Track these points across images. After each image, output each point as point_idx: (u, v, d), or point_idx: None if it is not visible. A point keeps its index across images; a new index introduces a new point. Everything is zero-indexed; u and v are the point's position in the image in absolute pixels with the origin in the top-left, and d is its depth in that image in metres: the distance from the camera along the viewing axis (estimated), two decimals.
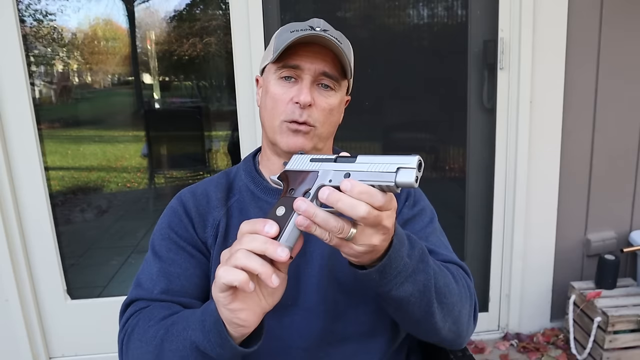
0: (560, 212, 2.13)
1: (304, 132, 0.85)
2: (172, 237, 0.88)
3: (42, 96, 2.15)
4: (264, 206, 0.90)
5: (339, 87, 0.88)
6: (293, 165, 0.70)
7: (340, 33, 0.90)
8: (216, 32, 2.12)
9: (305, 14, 2.00)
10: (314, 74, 0.84)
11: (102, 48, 2.17)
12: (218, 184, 0.93)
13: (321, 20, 0.89)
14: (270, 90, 0.86)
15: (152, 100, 2.34)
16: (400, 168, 0.58)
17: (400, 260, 0.68)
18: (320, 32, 0.82)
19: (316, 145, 0.87)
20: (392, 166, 0.58)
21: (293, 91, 0.84)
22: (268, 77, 0.88)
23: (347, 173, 0.62)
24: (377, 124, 2.16)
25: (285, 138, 0.85)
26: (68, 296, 2.07)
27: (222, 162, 2.40)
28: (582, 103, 2.04)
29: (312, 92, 0.84)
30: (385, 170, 0.59)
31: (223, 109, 2.30)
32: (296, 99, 0.83)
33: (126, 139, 2.37)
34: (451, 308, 0.78)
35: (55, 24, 2.03)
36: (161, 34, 2.20)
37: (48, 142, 2.04)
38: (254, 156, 0.98)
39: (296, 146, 0.85)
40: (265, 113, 0.88)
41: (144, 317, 0.80)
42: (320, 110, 0.85)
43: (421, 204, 0.95)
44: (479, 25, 2.00)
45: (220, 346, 0.66)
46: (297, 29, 0.84)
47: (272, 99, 0.86)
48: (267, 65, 0.88)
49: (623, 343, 1.90)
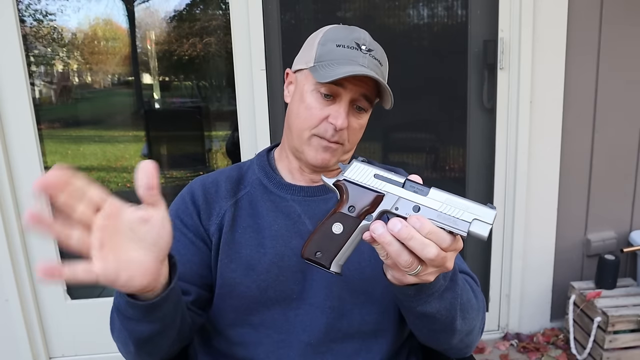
0: (560, 212, 2.13)
1: (333, 150, 0.86)
2: (177, 224, 0.89)
3: (42, 96, 2.15)
4: (276, 199, 0.90)
5: (370, 108, 0.89)
6: (353, 176, 0.65)
7: (382, 50, 0.90)
8: (216, 32, 2.12)
9: (305, 14, 2.00)
10: (354, 97, 0.84)
11: (102, 48, 2.17)
12: (229, 176, 0.94)
13: (367, 36, 0.88)
14: (307, 100, 0.85)
15: (152, 100, 2.34)
16: (476, 220, 0.56)
17: (438, 281, 0.69)
18: (365, 52, 0.84)
19: (340, 158, 0.89)
20: (469, 215, 0.57)
21: (330, 110, 0.84)
22: (304, 83, 0.86)
23: (417, 206, 0.60)
24: (377, 124, 2.16)
25: (313, 152, 0.86)
26: (68, 296, 2.07)
27: (222, 162, 2.40)
28: (582, 103, 2.04)
29: (348, 114, 0.84)
30: (460, 217, 0.57)
31: (223, 109, 2.31)
32: (332, 120, 0.83)
33: (126, 139, 2.37)
34: (469, 323, 0.79)
35: (55, 24, 2.03)
36: (161, 34, 2.20)
37: (48, 142, 2.03)
38: (268, 152, 0.98)
39: (324, 161, 0.86)
40: (297, 120, 0.87)
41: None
42: (351, 130, 0.86)
43: None
44: (479, 25, 2.00)
45: (129, 305, 0.66)
46: (344, 43, 0.84)
47: (308, 110, 0.85)
48: (305, 70, 0.87)
49: (623, 343, 1.90)
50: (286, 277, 0.86)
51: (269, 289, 0.86)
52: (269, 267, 0.86)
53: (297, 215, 0.89)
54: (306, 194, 0.91)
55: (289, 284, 0.86)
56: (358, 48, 0.84)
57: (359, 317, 0.87)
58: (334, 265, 0.62)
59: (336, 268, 0.62)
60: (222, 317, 0.89)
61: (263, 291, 0.86)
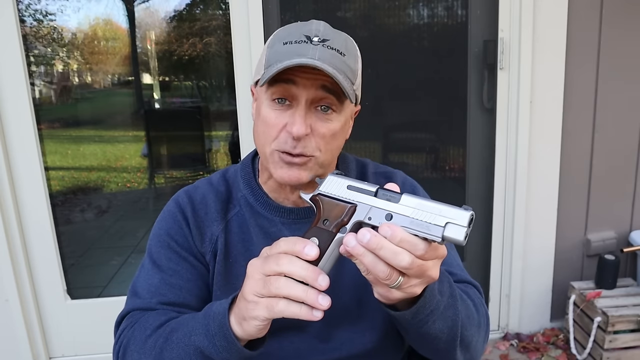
0: (560, 212, 2.13)
1: (299, 164, 0.75)
2: (172, 245, 0.84)
3: (42, 96, 2.15)
4: (264, 223, 0.85)
5: (342, 107, 0.76)
6: (327, 189, 0.64)
7: (345, 38, 0.78)
8: (216, 32, 2.12)
9: (305, 14, 2.00)
10: (311, 94, 0.72)
11: (102, 48, 2.17)
12: (217, 193, 0.87)
13: (321, 25, 0.77)
14: (262, 113, 0.76)
15: (152, 100, 2.34)
16: (450, 223, 0.54)
17: (433, 298, 0.65)
18: (317, 43, 0.72)
19: (316, 172, 0.78)
20: (441, 219, 0.54)
21: (286, 117, 0.74)
22: (260, 95, 0.78)
23: (390, 214, 0.58)
24: (377, 124, 2.16)
25: (278, 170, 0.76)
26: (68, 296, 2.07)
27: (222, 162, 2.41)
28: (582, 103, 2.04)
29: (309, 118, 0.73)
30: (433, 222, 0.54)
31: (223, 109, 2.31)
32: (289, 128, 0.73)
33: (126, 139, 2.37)
34: (470, 339, 0.75)
35: (55, 24, 2.03)
36: (161, 34, 2.20)
37: (48, 142, 2.04)
38: (252, 159, 0.91)
39: (291, 179, 0.76)
40: (257, 138, 0.79)
41: (139, 327, 0.77)
42: (319, 137, 0.75)
43: None
44: (479, 25, 2.00)
45: (226, 350, 0.64)
46: (292, 39, 0.74)
47: (264, 124, 0.76)
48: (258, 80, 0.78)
49: (623, 343, 1.90)
50: None
51: None
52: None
53: None
54: (296, 217, 0.85)
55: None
56: (308, 41, 0.73)
57: (360, 344, 0.83)
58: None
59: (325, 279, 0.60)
60: None
61: None
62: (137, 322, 0.78)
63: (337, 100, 0.74)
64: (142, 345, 0.74)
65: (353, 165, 0.93)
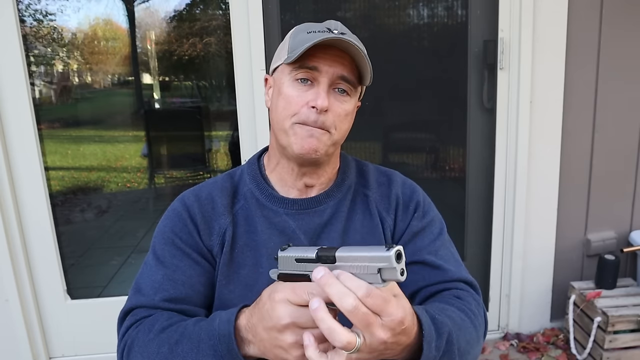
0: (560, 212, 2.13)
1: (318, 135, 0.81)
2: (177, 242, 0.85)
3: (42, 96, 2.15)
4: (269, 214, 0.88)
5: (354, 92, 0.85)
6: (283, 267, 0.69)
7: (356, 37, 0.85)
8: (216, 32, 2.12)
9: (305, 14, 2.00)
10: (332, 77, 0.80)
11: (102, 48, 2.17)
12: (223, 189, 0.90)
13: (338, 23, 0.84)
14: (284, 91, 0.82)
15: (152, 100, 2.34)
16: (382, 269, 0.55)
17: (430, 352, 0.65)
18: (338, 34, 0.78)
19: (328, 150, 0.83)
20: (373, 268, 0.55)
21: (309, 95, 0.80)
22: (281, 78, 0.84)
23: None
24: (377, 124, 2.16)
25: (299, 140, 0.81)
26: (68, 296, 2.07)
27: (222, 162, 2.41)
28: (582, 103, 2.04)
29: (328, 97, 0.80)
30: (369, 272, 0.56)
31: (223, 109, 2.30)
32: (313, 102, 0.79)
33: (126, 139, 2.37)
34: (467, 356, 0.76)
35: (55, 24, 2.03)
36: (161, 34, 2.20)
37: (48, 142, 2.03)
38: (258, 158, 0.95)
39: (311, 148, 0.81)
40: (276, 114, 0.84)
41: (143, 329, 0.78)
42: (335, 115, 0.82)
43: (430, 214, 0.93)
44: (479, 25, 2.00)
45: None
46: (314, 29, 0.80)
47: (286, 100, 0.81)
48: (280, 65, 0.84)
49: (623, 343, 1.90)
50: None
51: None
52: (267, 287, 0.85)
53: (292, 230, 0.87)
54: (300, 207, 0.88)
55: None
56: (329, 32, 0.80)
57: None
58: None
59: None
60: None
61: None
62: (142, 323, 0.79)
63: (353, 83, 0.82)
64: (146, 349, 0.75)
65: (353, 165, 0.96)
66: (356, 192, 0.93)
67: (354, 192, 0.93)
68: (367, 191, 0.93)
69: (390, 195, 0.92)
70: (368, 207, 0.91)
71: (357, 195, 0.93)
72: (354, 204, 0.92)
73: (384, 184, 0.94)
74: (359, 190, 0.93)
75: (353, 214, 0.91)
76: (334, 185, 0.92)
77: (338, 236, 0.88)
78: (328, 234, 0.88)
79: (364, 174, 0.95)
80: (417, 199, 0.93)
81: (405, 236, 0.91)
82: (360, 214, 0.91)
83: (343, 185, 0.92)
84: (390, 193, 0.93)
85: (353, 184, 0.93)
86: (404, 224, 0.91)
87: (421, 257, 0.88)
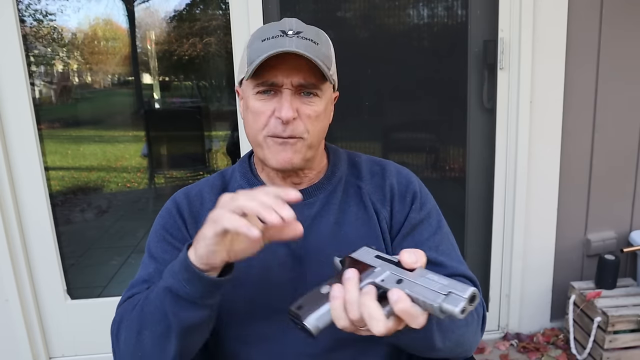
0: (560, 212, 2.13)
1: (291, 145, 0.81)
2: (167, 238, 0.87)
3: (42, 96, 2.15)
4: None
5: (322, 91, 0.83)
6: (357, 255, 0.70)
7: (317, 30, 0.85)
8: (216, 32, 2.12)
9: (305, 14, 2.00)
10: (292, 86, 0.79)
11: (102, 48, 2.17)
12: (213, 186, 0.92)
13: (293, 20, 0.84)
14: (251, 105, 0.83)
15: (152, 100, 2.34)
16: (452, 293, 0.56)
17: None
18: (292, 35, 0.79)
19: (305, 155, 0.83)
20: (445, 288, 0.57)
21: (273, 103, 0.80)
22: (246, 91, 0.84)
23: (400, 279, 0.62)
24: (377, 124, 2.16)
25: (273, 154, 0.82)
26: (68, 296, 2.07)
27: (222, 162, 2.41)
28: (582, 103, 2.04)
29: (294, 103, 0.80)
30: (437, 289, 0.57)
31: (223, 109, 2.31)
32: (277, 114, 0.79)
33: (126, 139, 2.37)
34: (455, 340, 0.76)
35: (55, 24, 2.03)
36: (161, 34, 2.20)
37: (48, 142, 2.04)
38: (249, 157, 0.96)
39: (285, 161, 0.82)
40: (249, 129, 0.85)
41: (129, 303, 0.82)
42: (305, 118, 0.81)
43: (428, 206, 0.92)
44: (479, 25, 2.00)
45: (189, 282, 0.68)
46: (268, 35, 0.80)
47: (253, 114, 0.82)
48: (243, 79, 0.84)
49: (623, 343, 1.90)
50: (275, 288, 0.84)
51: (256, 302, 0.85)
52: (257, 280, 0.84)
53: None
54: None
55: (278, 294, 0.84)
56: (284, 35, 0.79)
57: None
58: (310, 320, 0.63)
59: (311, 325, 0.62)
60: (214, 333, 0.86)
61: (251, 305, 0.85)
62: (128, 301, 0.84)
63: (316, 85, 0.81)
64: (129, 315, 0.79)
65: (344, 157, 0.96)
66: (348, 184, 0.92)
67: (346, 183, 0.92)
68: (360, 182, 0.92)
69: (385, 186, 0.91)
70: (362, 199, 0.90)
71: (350, 187, 0.92)
72: (346, 196, 0.91)
73: (377, 173, 0.93)
74: (351, 182, 0.92)
75: (346, 205, 0.90)
76: (324, 178, 0.91)
77: (329, 227, 0.88)
78: (318, 225, 0.87)
79: (356, 165, 0.95)
80: (414, 189, 0.92)
81: (404, 229, 0.90)
82: (354, 206, 0.90)
83: (333, 178, 0.92)
84: (384, 184, 0.91)
85: (344, 175, 0.93)
86: (401, 216, 0.90)
87: None
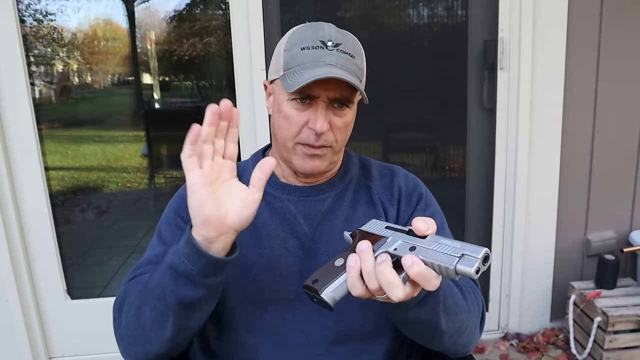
0: (560, 212, 2.13)
1: (320, 155, 0.84)
2: (178, 222, 0.88)
3: (42, 96, 2.15)
4: (271, 200, 0.90)
5: (353, 103, 0.86)
6: (367, 228, 0.72)
7: (353, 40, 0.85)
8: (216, 32, 2.12)
9: (305, 14, 2.00)
10: (327, 99, 0.81)
11: (102, 48, 2.17)
12: None
13: (332, 28, 0.84)
14: (284, 110, 0.83)
15: (152, 100, 2.34)
16: (465, 255, 0.57)
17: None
18: (332, 48, 0.80)
19: (331, 160, 0.87)
20: (459, 251, 0.58)
21: (307, 115, 0.82)
22: (279, 93, 0.84)
23: (413, 246, 0.63)
24: (377, 124, 2.16)
25: (300, 161, 0.84)
26: (68, 296, 2.07)
27: None
28: (582, 103, 2.04)
29: (327, 115, 0.82)
30: (450, 253, 0.59)
31: None
32: (312, 125, 0.81)
33: (126, 139, 2.37)
34: (458, 326, 0.78)
35: (55, 24, 2.03)
36: (161, 34, 2.20)
37: (48, 142, 2.03)
38: (263, 152, 0.98)
39: (312, 169, 0.84)
40: (279, 132, 0.85)
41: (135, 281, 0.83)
42: (336, 129, 0.83)
43: (432, 208, 0.95)
44: (479, 25, 2.00)
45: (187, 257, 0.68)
46: (308, 45, 0.80)
47: (286, 120, 0.83)
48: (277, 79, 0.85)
49: (623, 343, 1.90)
50: (283, 277, 0.86)
51: (265, 290, 0.86)
52: (266, 268, 0.85)
53: (293, 215, 0.89)
54: (301, 194, 0.90)
55: (285, 284, 0.86)
56: (324, 46, 0.80)
57: (360, 318, 0.87)
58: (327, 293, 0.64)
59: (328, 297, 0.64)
60: (218, 319, 0.88)
61: (259, 292, 0.85)
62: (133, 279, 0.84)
63: (349, 99, 0.83)
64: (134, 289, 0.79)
65: (356, 160, 0.99)
66: (359, 184, 0.95)
67: (357, 183, 0.95)
68: (370, 183, 0.95)
69: (393, 186, 0.94)
70: (371, 198, 0.93)
71: (360, 187, 0.94)
72: (357, 195, 0.93)
73: (386, 175, 0.96)
74: (362, 182, 0.95)
75: (356, 204, 0.93)
76: (336, 177, 0.94)
77: (340, 224, 0.89)
78: (330, 220, 0.89)
79: (366, 168, 0.98)
80: (420, 191, 0.95)
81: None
82: (363, 205, 0.93)
83: (345, 177, 0.94)
84: (392, 185, 0.95)
85: (355, 176, 0.95)
86: (407, 215, 0.93)
87: None
